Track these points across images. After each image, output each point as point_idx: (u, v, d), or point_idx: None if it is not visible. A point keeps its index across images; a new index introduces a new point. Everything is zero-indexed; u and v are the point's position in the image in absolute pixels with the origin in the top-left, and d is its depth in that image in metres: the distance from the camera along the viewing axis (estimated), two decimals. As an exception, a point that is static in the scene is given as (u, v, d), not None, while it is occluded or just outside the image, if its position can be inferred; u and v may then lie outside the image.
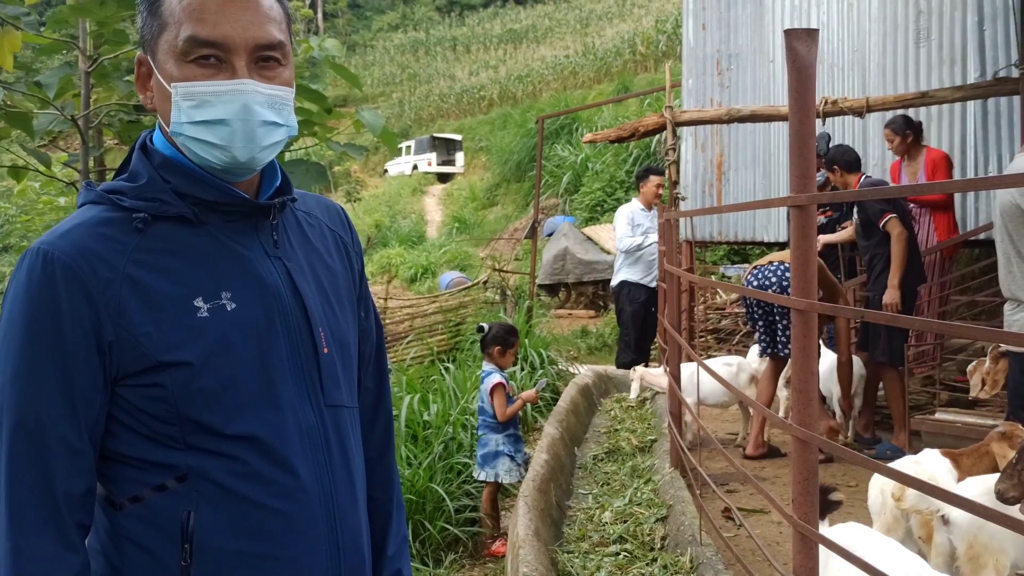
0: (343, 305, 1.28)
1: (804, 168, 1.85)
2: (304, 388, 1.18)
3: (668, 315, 3.86)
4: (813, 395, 1.85)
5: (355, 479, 1.25)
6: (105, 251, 1.08)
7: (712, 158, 7.68)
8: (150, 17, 1.14)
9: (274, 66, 1.14)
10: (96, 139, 3.28)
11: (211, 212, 1.15)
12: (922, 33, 6.42)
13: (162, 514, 1.10)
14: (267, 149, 1.14)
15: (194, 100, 1.10)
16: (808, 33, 1.88)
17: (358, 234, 1.42)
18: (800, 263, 1.84)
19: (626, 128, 5.96)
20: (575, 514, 3.67)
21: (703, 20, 7.74)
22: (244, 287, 1.14)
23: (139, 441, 1.11)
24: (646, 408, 5.12)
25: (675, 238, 3.94)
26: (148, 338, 1.07)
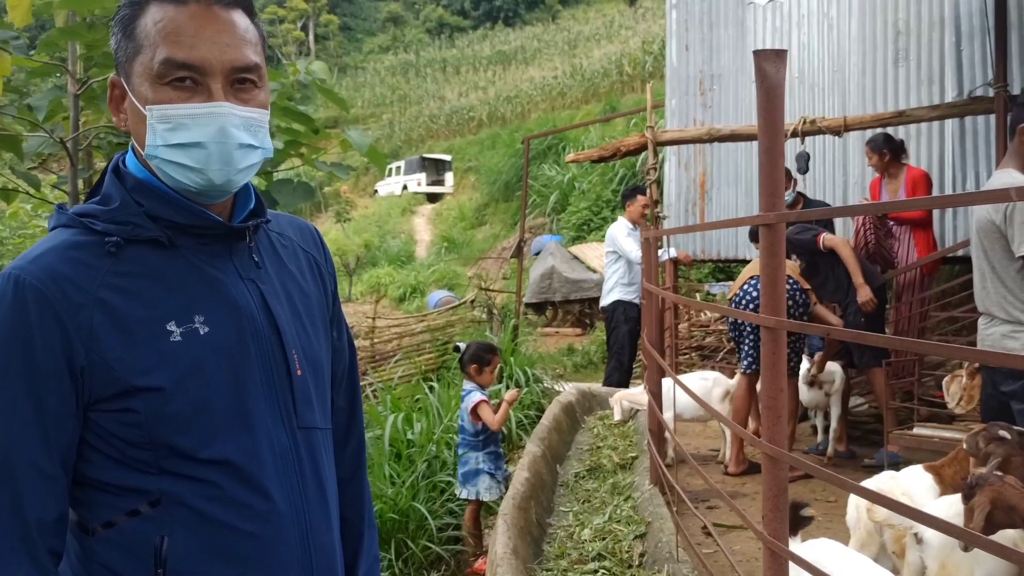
0: (316, 326, 1.27)
1: (772, 187, 1.85)
2: (277, 411, 1.17)
3: (647, 332, 3.88)
4: (782, 411, 1.85)
5: (328, 500, 1.25)
6: (77, 275, 1.07)
7: (695, 177, 7.75)
8: (124, 39, 1.13)
9: (250, 88, 1.14)
10: (86, 161, 3.29)
11: (184, 235, 1.14)
12: (901, 53, 6.52)
13: (135, 539, 1.09)
14: (243, 171, 1.14)
15: (170, 123, 1.10)
16: (776, 54, 1.89)
17: (331, 255, 1.42)
18: (769, 281, 1.84)
19: (608, 148, 6.02)
20: (555, 532, 3.66)
21: (686, 41, 7.84)
22: (217, 310, 1.13)
23: (112, 466, 1.09)
24: (629, 425, 5.13)
25: (656, 257, 3.97)
26: (120, 363, 1.06)
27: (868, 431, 5.23)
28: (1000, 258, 2.86)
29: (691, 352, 7.91)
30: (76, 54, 2.95)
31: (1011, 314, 2.85)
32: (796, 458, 1.91)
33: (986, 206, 2.89)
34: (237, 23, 1.13)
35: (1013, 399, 2.91)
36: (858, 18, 6.74)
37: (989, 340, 2.96)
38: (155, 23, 1.10)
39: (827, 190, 6.83)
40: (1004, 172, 2.92)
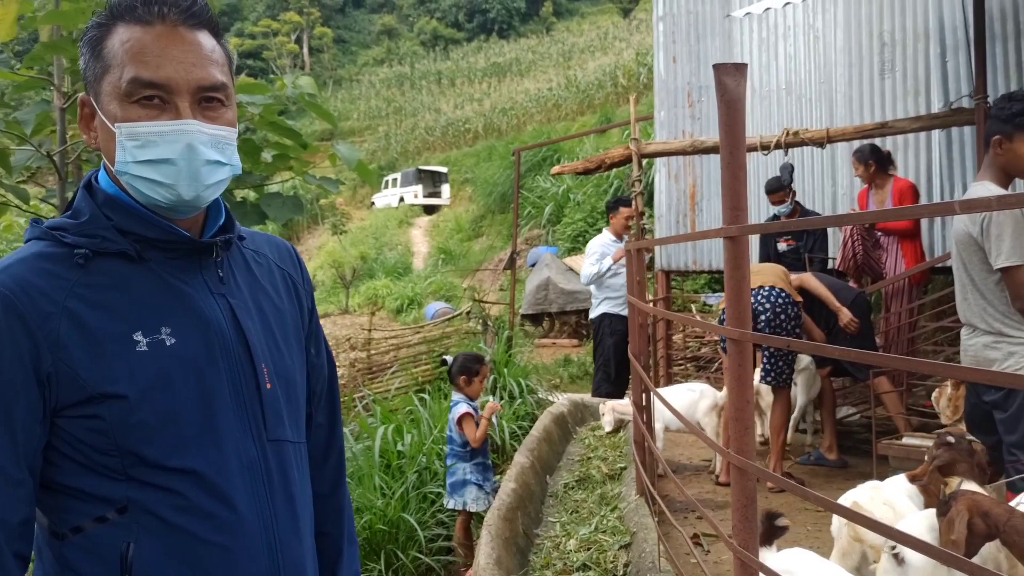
0: (289, 342, 1.29)
1: (735, 200, 1.84)
2: (246, 423, 1.19)
3: (632, 345, 3.91)
4: (749, 423, 1.85)
5: (299, 513, 1.26)
6: (46, 285, 1.09)
7: (685, 188, 7.80)
8: (93, 59, 1.16)
9: (217, 107, 1.17)
10: (75, 174, 3.32)
11: (153, 249, 1.17)
12: (886, 65, 6.59)
13: (103, 545, 1.11)
14: (211, 187, 1.17)
15: (139, 140, 1.12)
16: (736, 67, 1.89)
17: (308, 272, 1.45)
18: (734, 294, 1.84)
19: (593, 160, 6.06)
20: (542, 542, 3.69)
21: (673, 53, 7.91)
22: (185, 323, 1.15)
23: (81, 472, 1.11)
24: (619, 436, 5.15)
25: (642, 268, 3.99)
26: (86, 370, 1.08)
27: (859, 440, 5.25)
28: (979, 270, 2.88)
29: (686, 363, 7.93)
30: (62, 68, 2.98)
31: (991, 325, 2.87)
32: (763, 470, 1.90)
33: (963, 219, 2.91)
34: (203, 43, 1.16)
35: (995, 408, 2.91)
36: (844, 29, 6.81)
37: (971, 351, 2.97)
38: (122, 43, 1.13)
39: (816, 201, 6.88)
40: (980, 185, 2.94)
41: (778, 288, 4.37)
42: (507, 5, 48.04)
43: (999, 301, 2.85)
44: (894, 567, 2.28)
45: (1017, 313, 2.81)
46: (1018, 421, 2.83)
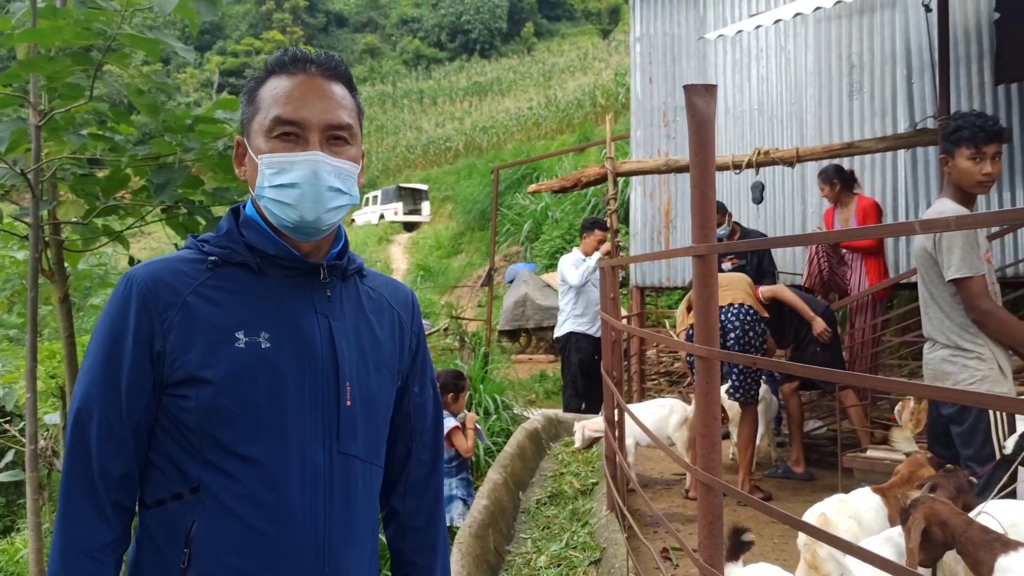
0: (381, 371, 1.42)
1: (704, 219, 1.88)
2: (320, 431, 1.31)
3: (605, 361, 3.96)
4: (716, 440, 1.87)
5: (357, 527, 1.35)
6: (175, 281, 1.29)
7: (660, 206, 7.90)
8: (247, 104, 1.38)
9: (342, 144, 1.35)
10: (50, 192, 3.31)
11: (273, 266, 1.34)
12: (855, 86, 6.75)
13: (175, 519, 1.27)
14: (331, 211, 1.33)
15: (275, 168, 1.31)
16: (706, 88, 1.93)
17: (422, 318, 1.58)
18: (702, 311, 1.87)
19: (569, 179, 6.14)
20: (513, 559, 3.71)
21: (649, 74, 8.04)
22: (283, 332, 1.31)
23: (173, 447, 1.28)
24: (592, 452, 5.19)
25: (615, 284, 4.06)
26: (188, 354, 1.26)
27: (825, 453, 5.33)
28: (936, 284, 2.95)
29: (659, 378, 7.99)
30: (38, 86, 2.99)
31: (949, 338, 2.93)
32: (730, 487, 1.91)
33: (920, 236, 3.00)
34: (335, 91, 1.36)
35: (952, 423, 2.97)
36: (814, 52, 6.97)
37: (931, 365, 3.02)
38: (271, 91, 1.35)
39: (786, 220, 7.00)
40: (938, 202, 3.04)
41: (747, 305, 4.45)
42: (489, 26, 48.39)
43: (956, 314, 2.91)
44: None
45: (973, 326, 2.87)
46: (973, 435, 2.88)
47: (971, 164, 2.91)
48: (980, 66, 5.91)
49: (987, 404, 2.58)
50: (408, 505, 1.50)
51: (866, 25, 6.67)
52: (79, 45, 2.92)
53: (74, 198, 3.50)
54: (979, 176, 2.91)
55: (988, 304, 2.85)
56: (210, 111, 3.09)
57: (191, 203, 3.24)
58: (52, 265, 3.29)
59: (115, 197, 3.30)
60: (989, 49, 5.79)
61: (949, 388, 2.75)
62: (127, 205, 3.38)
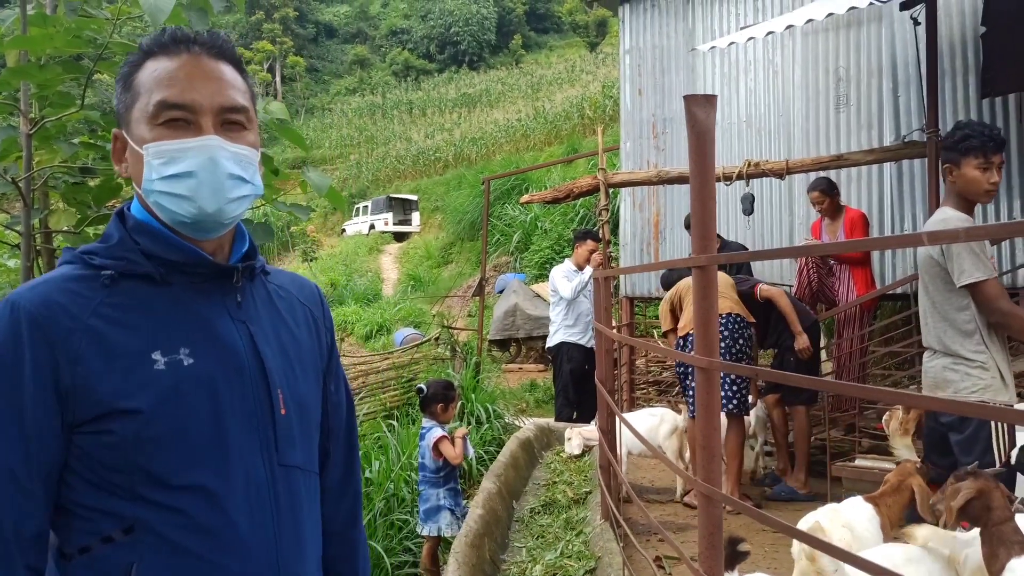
0: (307, 372, 1.32)
1: (704, 229, 1.87)
2: (258, 445, 1.21)
3: (599, 371, 3.97)
4: (716, 451, 1.86)
5: (305, 540, 1.27)
6: (70, 304, 1.13)
7: (649, 217, 7.95)
8: (124, 92, 1.23)
9: (238, 129, 1.23)
10: (42, 201, 3.30)
11: (177, 273, 1.21)
12: (842, 99, 6.84)
13: (107, 566, 1.12)
14: (233, 202, 1.21)
15: (164, 157, 1.18)
16: (706, 99, 1.94)
17: (331, 312, 1.49)
18: (702, 322, 1.86)
19: (561, 190, 6.18)
20: (508, 568, 3.71)
21: (639, 86, 8.10)
22: (203, 345, 1.18)
23: (91, 490, 1.14)
24: (584, 460, 5.20)
25: (608, 296, 4.08)
26: (103, 385, 1.11)
27: (814, 463, 5.36)
28: (941, 292, 2.94)
29: (648, 387, 8.02)
30: (29, 93, 2.98)
31: (950, 348, 2.93)
32: (730, 498, 1.92)
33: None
34: (224, 71, 1.23)
35: (951, 430, 2.97)
36: (801, 65, 7.06)
37: (931, 373, 3.02)
38: (150, 73, 1.20)
39: (774, 232, 7.07)
40: (940, 211, 3.06)
41: (735, 314, 4.48)
42: (477, 38, 48.59)
43: (959, 323, 2.90)
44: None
45: (975, 335, 2.87)
46: (974, 443, 2.88)
47: (979, 173, 2.93)
48: (966, 79, 6.00)
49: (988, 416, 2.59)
50: (327, 509, 1.38)
51: (853, 39, 6.76)
52: (70, 53, 2.92)
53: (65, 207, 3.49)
54: (986, 185, 2.93)
55: (1008, 304, 2.85)
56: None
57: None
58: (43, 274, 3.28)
59: (106, 206, 3.30)
60: (975, 63, 5.88)
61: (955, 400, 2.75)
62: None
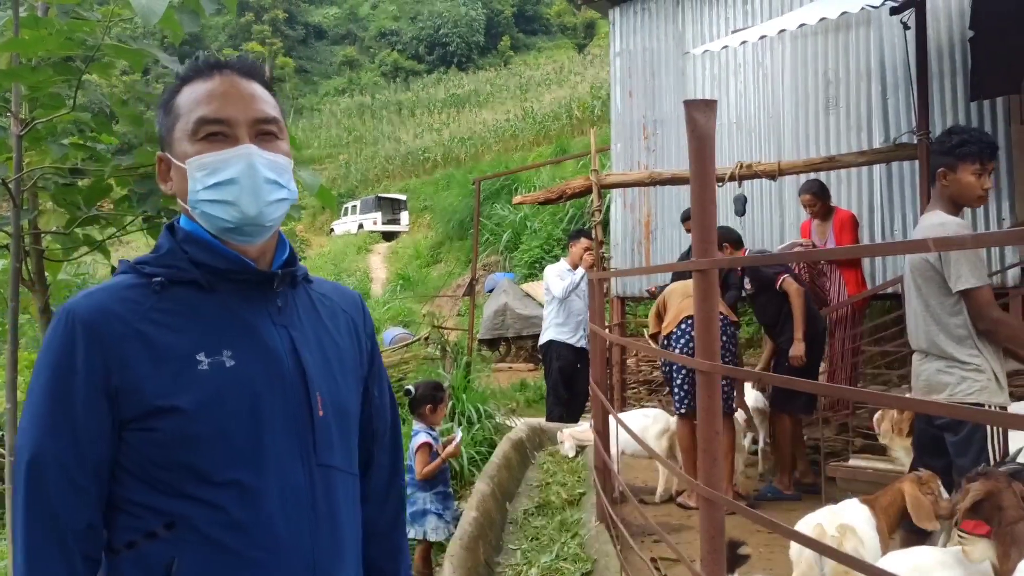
0: (346, 377, 1.38)
1: (705, 233, 1.86)
2: (296, 447, 1.26)
3: (593, 372, 3.97)
4: (718, 454, 1.86)
5: (343, 539, 1.31)
6: (122, 310, 1.22)
7: (640, 218, 7.97)
8: (164, 116, 1.34)
9: (272, 139, 1.32)
10: (31, 202, 3.28)
11: (222, 280, 1.28)
12: (831, 102, 6.88)
13: (151, 560, 1.19)
14: (272, 205, 1.29)
15: (206, 168, 1.27)
16: (706, 103, 1.92)
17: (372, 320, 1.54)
18: (703, 326, 1.86)
19: (554, 191, 6.19)
20: (503, 570, 3.69)
21: (630, 88, 8.12)
22: (246, 348, 1.25)
23: (138, 486, 1.21)
24: (578, 461, 5.20)
25: (602, 297, 4.08)
26: (150, 385, 1.19)
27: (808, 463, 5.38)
28: (935, 295, 2.94)
29: (639, 386, 8.04)
30: (20, 95, 2.97)
31: (943, 350, 2.92)
32: (733, 502, 1.91)
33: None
34: (255, 88, 1.33)
35: (946, 431, 2.97)
36: (791, 68, 7.10)
37: (924, 376, 3.01)
38: (188, 96, 1.31)
39: (764, 232, 7.10)
40: (933, 214, 3.03)
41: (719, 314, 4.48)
42: (466, 39, 48.53)
43: (953, 326, 2.90)
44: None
45: (969, 339, 2.87)
46: (969, 444, 2.89)
47: (974, 179, 2.94)
48: (953, 82, 6.05)
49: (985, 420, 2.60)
50: (371, 510, 1.45)
51: (842, 42, 6.80)
52: (62, 55, 2.91)
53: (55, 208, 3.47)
54: (980, 191, 2.95)
55: (998, 313, 2.86)
56: (191, 123, 3.09)
57: (173, 212, 3.24)
58: (32, 275, 3.26)
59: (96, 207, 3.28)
60: (962, 66, 5.93)
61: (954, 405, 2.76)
62: (108, 215, 3.37)
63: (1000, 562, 2.17)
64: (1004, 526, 2.19)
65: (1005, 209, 5.84)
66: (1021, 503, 2.26)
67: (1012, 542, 2.16)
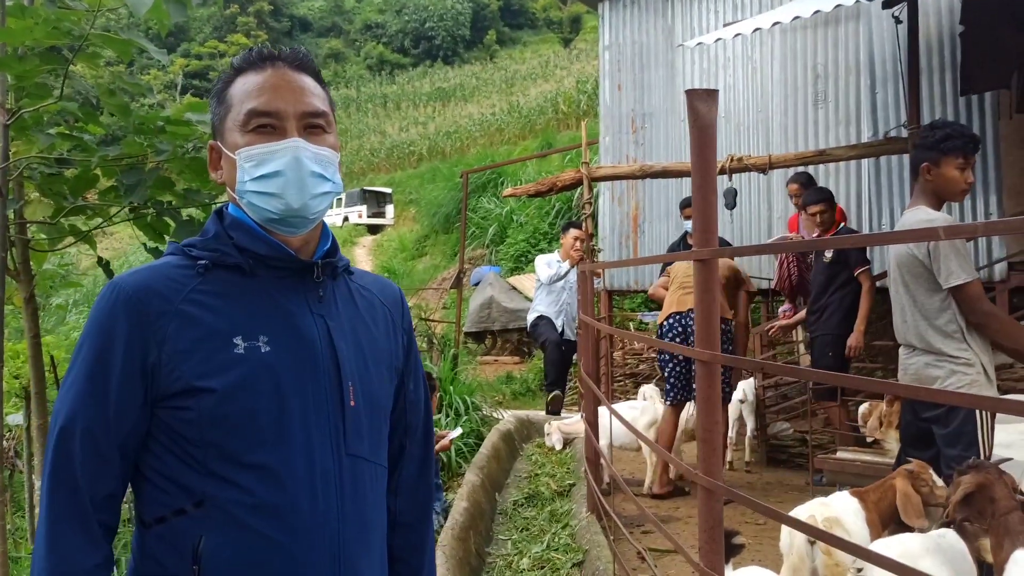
0: (380, 370, 1.39)
1: (706, 223, 1.86)
2: (327, 434, 1.27)
3: (584, 364, 3.97)
4: (718, 444, 1.86)
5: (369, 528, 1.32)
6: (165, 289, 1.24)
7: (628, 211, 7.97)
8: (218, 106, 1.36)
9: (319, 132, 1.33)
10: (17, 191, 3.24)
11: (264, 267, 1.30)
12: (820, 96, 6.90)
13: (180, 537, 1.21)
14: (317, 198, 1.30)
15: (255, 160, 1.29)
16: (708, 93, 1.93)
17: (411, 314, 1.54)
18: (703, 316, 1.85)
19: (544, 183, 6.17)
20: (494, 561, 3.69)
21: (618, 81, 8.11)
22: (282, 335, 1.27)
23: (171, 460, 1.23)
24: (566, 452, 5.21)
25: (591, 289, 4.07)
26: (185, 364, 1.21)
27: (793, 455, 5.42)
28: (923, 291, 2.95)
29: (625, 379, 8.06)
30: (6, 85, 2.93)
31: (931, 345, 2.93)
32: (733, 490, 1.88)
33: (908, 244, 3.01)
34: (306, 81, 1.35)
35: (936, 424, 2.99)
36: (780, 62, 7.11)
37: (912, 370, 3.03)
38: (241, 87, 1.33)
39: (752, 226, 7.12)
40: (918, 210, 3.03)
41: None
42: (452, 32, 48.39)
43: (940, 321, 2.91)
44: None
45: (958, 333, 2.89)
46: (959, 436, 2.91)
47: (958, 173, 2.95)
48: (942, 76, 6.08)
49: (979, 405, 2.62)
50: (400, 503, 1.47)
51: (831, 36, 6.82)
52: (49, 44, 2.87)
53: (41, 197, 3.43)
54: (963, 185, 2.96)
55: (989, 306, 2.89)
56: (180, 113, 3.07)
57: (160, 204, 3.20)
58: (18, 265, 3.21)
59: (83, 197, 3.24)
60: (951, 61, 5.96)
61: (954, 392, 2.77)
62: (95, 205, 3.33)
63: (994, 552, 2.19)
64: (997, 517, 2.21)
65: (992, 203, 5.89)
66: (1012, 494, 2.28)
67: (1005, 532, 2.18)
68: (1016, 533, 2.14)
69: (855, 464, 4.40)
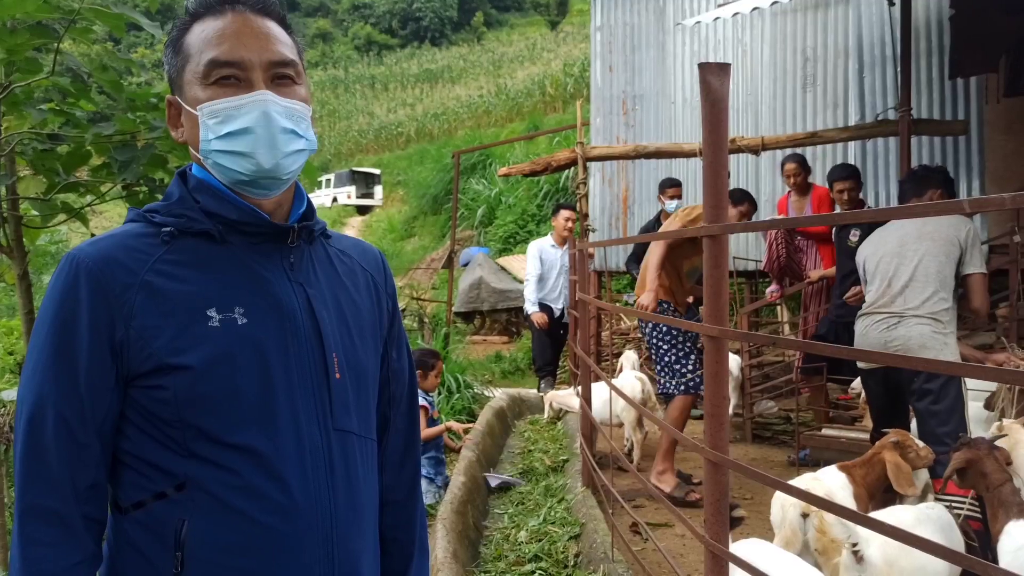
0: (364, 338, 1.29)
1: (717, 199, 1.84)
2: (312, 409, 1.18)
3: (580, 340, 4.02)
4: (724, 419, 1.86)
5: (361, 506, 1.24)
6: (128, 260, 1.13)
7: (618, 192, 8.01)
8: (174, 56, 1.22)
9: (288, 83, 1.21)
10: (9, 167, 3.22)
11: (235, 233, 1.19)
12: (809, 79, 6.96)
13: (160, 521, 1.12)
14: (289, 156, 1.19)
15: (219, 116, 1.17)
16: (721, 67, 1.88)
17: (393, 279, 1.44)
18: (712, 291, 1.84)
19: (539, 162, 6.19)
20: (492, 534, 3.75)
21: (610, 63, 8.12)
22: (259, 305, 1.17)
23: (147, 442, 1.13)
24: (558, 428, 5.27)
25: (585, 269, 4.11)
26: (156, 340, 1.11)
27: (778, 432, 5.51)
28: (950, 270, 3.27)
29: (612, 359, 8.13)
30: (-3, 59, 2.90)
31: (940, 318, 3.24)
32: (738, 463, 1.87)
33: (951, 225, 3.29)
34: (271, 27, 1.22)
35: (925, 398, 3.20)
36: (770, 45, 7.15)
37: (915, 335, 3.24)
38: (199, 35, 1.19)
39: (743, 206, 7.16)
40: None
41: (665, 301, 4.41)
42: (440, 14, 48.07)
43: (949, 302, 3.27)
44: (853, 564, 2.31)
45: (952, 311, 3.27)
46: (952, 412, 3.12)
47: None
48: (930, 60, 6.15)
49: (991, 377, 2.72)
50: (387, 478, 1.37)
51: (820, 20, 6.87)
52: (40, 18, 2.84)
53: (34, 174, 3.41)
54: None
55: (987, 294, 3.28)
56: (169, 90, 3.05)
57: (153, 181, 3.20)
58: (11, 241, 3.21)
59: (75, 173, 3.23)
60: (938, 46, 6.02)
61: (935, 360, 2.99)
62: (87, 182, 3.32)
63: (990, 523, 2.27)
64: (991, 491, 2.29)
65: (976, 188, 5.98)
66: (1003, 467, 2.36)
67: (999, 504, 2.25)
68: (1010, 504, 2.22)
69: (840, 441, 4.49)
